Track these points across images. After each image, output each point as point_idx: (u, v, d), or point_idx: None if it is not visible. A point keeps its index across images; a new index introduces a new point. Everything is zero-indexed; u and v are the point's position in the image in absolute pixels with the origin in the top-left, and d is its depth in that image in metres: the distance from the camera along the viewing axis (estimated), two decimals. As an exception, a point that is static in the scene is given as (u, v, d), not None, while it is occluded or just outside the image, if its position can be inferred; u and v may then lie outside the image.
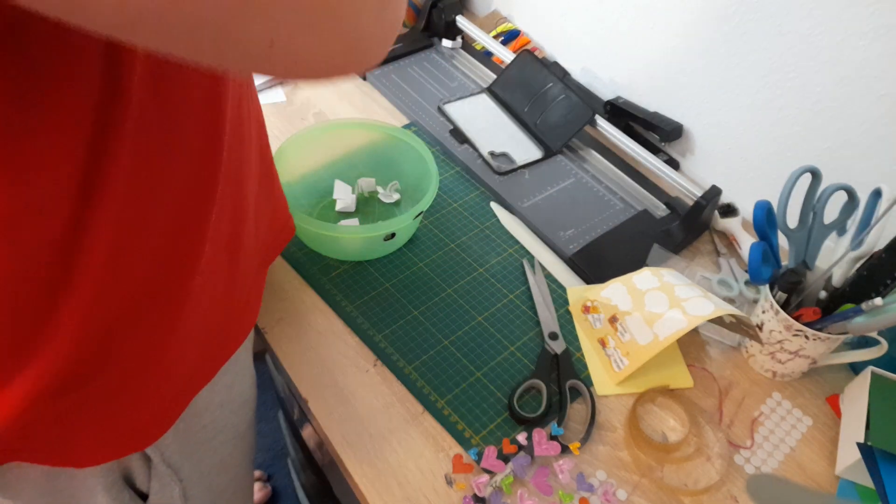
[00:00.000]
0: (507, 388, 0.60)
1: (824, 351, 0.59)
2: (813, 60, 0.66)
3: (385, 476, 0.54)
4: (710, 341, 0.66)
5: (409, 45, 0.98)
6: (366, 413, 0.58)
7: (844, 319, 0.55)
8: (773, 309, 0.59)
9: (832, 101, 0.66)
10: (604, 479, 0.55)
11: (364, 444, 0.55)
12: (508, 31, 1.01)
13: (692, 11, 0.75)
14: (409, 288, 0.68)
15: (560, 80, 0.85)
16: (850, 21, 0.61)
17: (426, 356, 0.62)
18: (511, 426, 0.58)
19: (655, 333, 0.60)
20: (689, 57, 0.78)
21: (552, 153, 0.83)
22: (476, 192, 0.79)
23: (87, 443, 0.41)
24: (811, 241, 0.60)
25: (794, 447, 0.59)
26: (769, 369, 0.63)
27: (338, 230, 0.65)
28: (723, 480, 0.56)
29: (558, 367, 0.62)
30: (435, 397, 0.59)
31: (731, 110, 0.76)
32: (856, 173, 0.67)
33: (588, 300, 0.66)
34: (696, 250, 0.75)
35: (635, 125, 0.87)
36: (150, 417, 0.43)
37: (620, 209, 0.77)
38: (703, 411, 0.60)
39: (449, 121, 0.87)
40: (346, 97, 0.91)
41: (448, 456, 0.55)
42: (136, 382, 0.40)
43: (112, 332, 0.35)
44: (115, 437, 0.42)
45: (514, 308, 0.67)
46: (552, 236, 0.73)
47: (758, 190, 0.78)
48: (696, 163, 0.84)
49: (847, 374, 0.65)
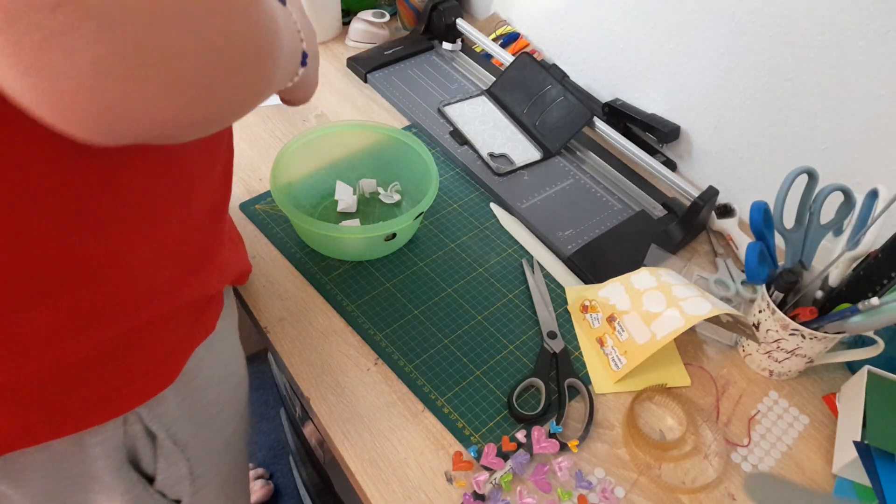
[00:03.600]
0: (506, 386, 0.61)
1: (821, 350, 0.60)
2: (810, 61, 0.66)
3: (386, 473, 0.54)
4: (708, 340, 0.67)
5: (409, 48, 0.98)
6: (366, 411, 0.58)
7: (841, 319, 0.56)
8: (770, 308, 0.59)
9: (829, 101, 0.67)
10: (602, 476, 0.55)
11: (365, 441, 0.56)
12: (508, 33, 1.02)
13: (690, 13, 0.76)
14: (410, 287, 0.68)
15: (559, 82, 0.86)
16: (848, 22, 0.62)
17: (426, 355, 0.62)
18: (510, 424, 0.58)
19: (653, 332, 0.61)
20: (688, 58, 0.79)
21: (551, 154, 0.84)
22: (476, 193, 0.79)
23: (100, 394, 0.41)
24: (808, 242, 0.61)
25: (791, 445, 0.59)
26: (766, 368, 0.63)
27: (339, 230, 0.66)
28: (720, 478, 0.56)
29: (557, 365, 0.62)
30: (435, 395, 0.59)
31: (729, 111, 0.77)
32: (852, 174, 0.68)
33: (586, 300, 0.67)
34: (693, 250, 0.76)
35: (633, 127, 0.87)
36: (162, 356, 0.44)
37: (618, 210, 0.78)
38: (701, 410, 0.61)
39: (449, 122, 0.87)
40: (347, 99, 0.91)
41: (448, 453, 0.56)
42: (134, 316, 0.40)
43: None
44: (124, 384, 0.42)
45: (513, 307, 0.67)
46: (551, 236, 0.74)
47: (755, 190, 0.78)
48: (693, 164, 0.85)
49: (844, 373, 0.65)
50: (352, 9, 1.05)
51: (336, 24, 1.03)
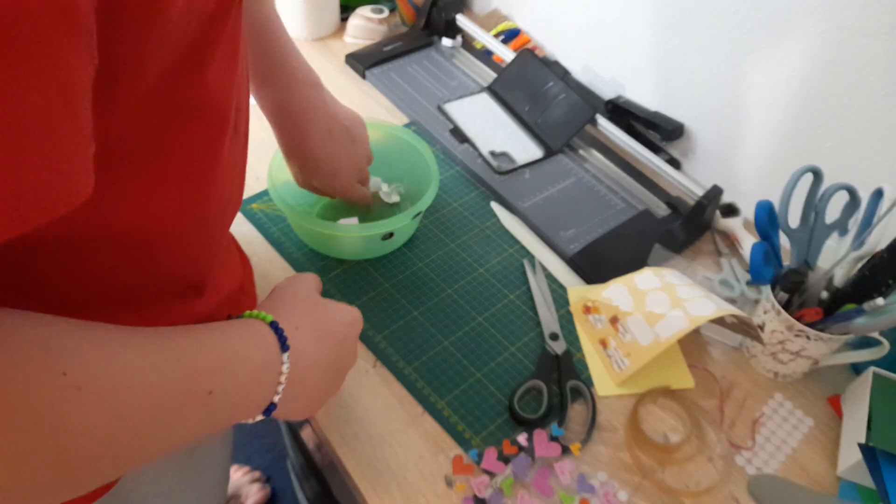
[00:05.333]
0: (507, 388, 0.60)
1: (826, 351, 0.59)
2: (816, 59, 0.66)
3: (385, 477, 0.53)
4: (712, 342, 0.66)
5: (408, 44, 0.97)
6: (365, 414, 0.57)
7: (846, 320, 0.55)
8: (775, 309, 0.58)
9: (834, 99, 0.66)
10: (605, 480, 0.55)
11: (364, 445, 0.55)
12: (509, 29, 1.01)
13: (694, 9, 0.75)
14: (409, 288, 0.67)
15: (560, 79, 0.85)
16: (854, 19, 0.61)
17: (426, 357, 0.62)
18: (511, 427, 0.57)
19: (657, 334, 0.60)
20: (691, 55, 0.78)
21: (553, 152, 0.83)
22: (476, 192, 0.79)
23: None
24: (813, 241, 0.60)
25: (795, 448, 0.58)
26: (771, 370, 0.63)
27: (336, 229, 0.65)
28: (724, 481, 0.55)
29: (559, 367, 0.62)
30: (435, 398, 0.59)
31: (733, 109, 0.76)
32: (857, 173, 0.67)
33: (589, 300, 0.66)
34: (697, 250, 0.75)
35: (636, 124, 0.86)
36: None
37: (621, 209, 0.77)
38: (705, 412, 0.60)
39: (449, 120, 0.86)
40: (345, 96, 0.90)
41: (448, 457, 0.55)
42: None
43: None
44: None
45: (514, 308, 0.67)
46: (553, 236, 0.73)
47: (759, 190, 0.77)
48: (697, 162, 0.84)
49: (848, 375, 0.64)
50: (350, 4, 1.04)
51: (334, 19, 1.02)
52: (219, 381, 0.34)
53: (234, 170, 0.42)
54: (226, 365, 0.35)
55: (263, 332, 0.39)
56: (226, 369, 0.35)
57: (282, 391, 0.38)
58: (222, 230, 0.46)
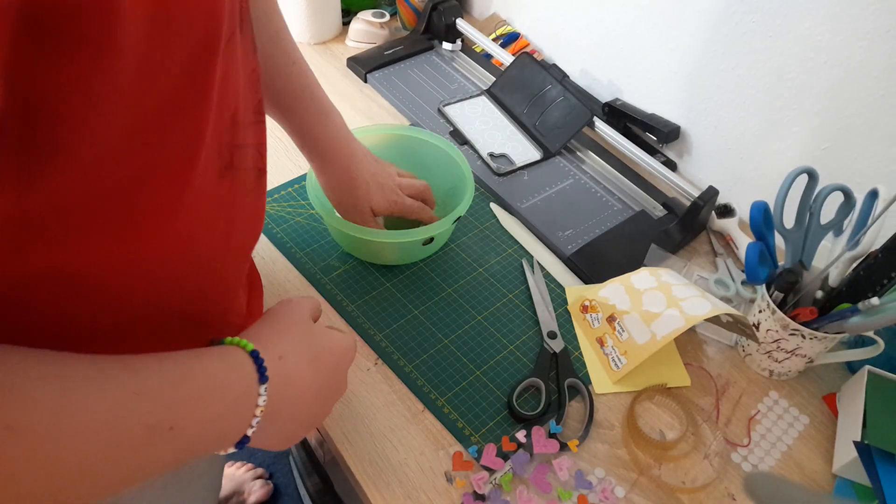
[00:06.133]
0: (506, 386, 0.61)
1: (821, 350, 0.60)
2: (811, 62, 0.66)
3: (386, 473, 0.54)
4: (708, 340, 0.67)
5: (409, 48, 0.98)
6: (366, 411, 0.58)
7: (841, 319, 0.56)
8: (770, 308, 0.59)
9: (830, 101, 0.67)
10: (602, 476, 0.55)
11: (365, 441, 0.56)
12: (508, 33, 1.02)
13: (691, 13, 0.76)
14: (410, 288, 0.68)
15: (559, 82, 0.86)
16: (849, 22, 0.62)
17: (426, 355, 0.62)
18: (510, 424, 0.58)
19: (653, 332, 0.61)
20: (688, 58, 0.79)
21: (551, 154, 0.84)
22: (476, 193, 0.79)
23: None
24: (808, 242, 0.61)
25: (791, 445, 0.59)
26: (766, 368, 0.63)
27: (376, 235, 0.64)
28: (720, 478, 0.56)
29: (557, 365, 0.62)
30: (435, 395, 0.59)
31: (729, 111, 0.77)
32: (852, 174, 0.68)
33: (586, 300, 0.67)
34: (693, 250, 0.76)
35: (633, 127, 0.87)
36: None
37: (618, 210, 0.78)
38: (701, 410, 0.61)
39: (449, 122, 0.87)
40: (346, 99, 0.91)
41: (448, 454, 0.56)
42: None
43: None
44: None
45: (513, 307, 0.67)
46: (551, 236, 0.74)
47: (755, 190, 0.78)
48: (693, 164, 0.85)
49: (844, 373, 0.65)
50: (352, 8, 1.05)
51: (336, 23, 1.03)
52: (185, 415, 0.32)
53: (232, 210, 0.39)
54: (196, 397, 0.33)
55: (243, 360, 0.36)
56: (195, 402, 0.33)
57: (256, 424, 0.36)
58: (230, 270, 0.44)
